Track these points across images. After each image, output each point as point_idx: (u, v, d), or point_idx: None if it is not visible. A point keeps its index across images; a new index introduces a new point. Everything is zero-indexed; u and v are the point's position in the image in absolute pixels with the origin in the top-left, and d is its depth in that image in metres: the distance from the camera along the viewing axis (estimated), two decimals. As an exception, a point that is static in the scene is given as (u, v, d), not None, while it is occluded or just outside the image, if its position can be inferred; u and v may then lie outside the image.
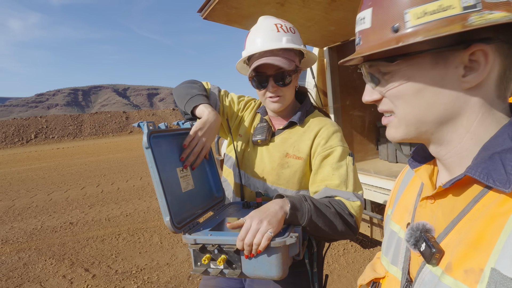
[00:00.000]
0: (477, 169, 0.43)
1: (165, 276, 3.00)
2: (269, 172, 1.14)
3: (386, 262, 0.64)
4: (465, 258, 0.42)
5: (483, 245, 0.40)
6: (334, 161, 1.05)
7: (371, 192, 2.46)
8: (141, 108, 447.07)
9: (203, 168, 1.19)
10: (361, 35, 0.50)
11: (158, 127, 0.96)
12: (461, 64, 0.44)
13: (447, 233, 0.47)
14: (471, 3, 0.40)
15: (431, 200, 0.53)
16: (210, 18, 2.06)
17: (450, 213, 0.48)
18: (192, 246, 0.86)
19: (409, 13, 0.43)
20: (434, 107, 0.47)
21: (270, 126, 1.18)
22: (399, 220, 0.63)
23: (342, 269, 2.95)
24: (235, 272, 0.83)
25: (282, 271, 0.82)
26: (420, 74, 0.46)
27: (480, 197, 0.44)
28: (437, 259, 0.46)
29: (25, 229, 4.65)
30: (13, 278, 3.14)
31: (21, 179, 9.44)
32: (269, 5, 1.90)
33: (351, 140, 3.25)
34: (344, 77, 3.01)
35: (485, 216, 0.42)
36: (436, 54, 0.45)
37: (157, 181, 0.87)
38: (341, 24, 2.24)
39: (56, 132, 31.02)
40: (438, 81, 0.45)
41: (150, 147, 0.86)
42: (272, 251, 0.81)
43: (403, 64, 0.47)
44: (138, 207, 5.41)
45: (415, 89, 0.47)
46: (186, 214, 0.98)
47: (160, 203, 0.87)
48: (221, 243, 0.84)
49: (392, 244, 0.63)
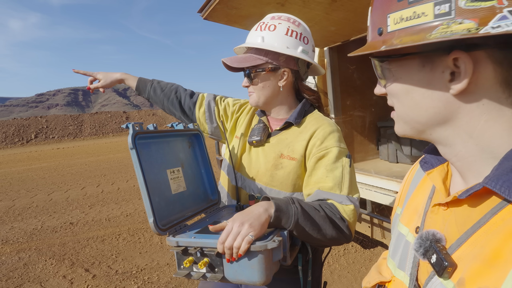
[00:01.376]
0: (497, 181, 0.39)
1: (166, 276, 3.00)
2: (263, 173, 1.12)
3: (392, 265, 0.62)
4: (480, 275, 0.39)
5: (500, 263, 0.37)
6: (329, 163, 1.01)
7: (371, 192, 2.45)
8: (141, 108, 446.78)
9: (197, 170, 1.18)
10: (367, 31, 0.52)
11: (147, 128, 0.95)
12: (447, 68, 0.42)
13: (459, 245, 0.44)
14: (445, 10, 0.38)
15: (444, 207, 0.50)
16: (211, 19, 2.06)
17: (464, 223, 0.45)
18: (175, 249, 0.85)
19: (390, 17, 0.43)
20: (424, 109, 0.46)
21: (267, 127, 1.17)
22: (407, 223, 0.60)
23: (343, 269, 2.95)
24: (217, 276, 0.82)
25: (265, 277, 0.80)
26: (407, 75, 0.46)
27: (499, 210, 0.41)
28: (449, 273, 0.43)
29: (25, 229, 4.65)
30: (13, 278, 3.14)
31: (21, 179, 9.44)
32: (270, 6, 1.90)
33: (351, 140, 3.24)
34: (344, 77, 3.01)
35: (503, 231, 0.39)
36: (423, 57, 0.44)
37: (141, 182, 0.86)
38: (342, 24, 2.24)
39: (56, 132, 31.03)
40: (425, 84, 0.45)
41: (135, 148, 0.86)
42: (253, 255, 0.79)
43: (393, 64, 0.47)
44: (138, 207, 5.40)
45: (405, 89, 0.47)
46: (174, 217, 0.97)
47: (145, 204, 0.86)
48: (203, 245, 0.82)
49: (399, 247, 0.60)
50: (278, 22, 1.10)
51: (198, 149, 1.21)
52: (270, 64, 1.09)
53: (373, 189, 2.45)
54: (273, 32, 1.09)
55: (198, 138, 1.21)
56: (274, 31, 1.09)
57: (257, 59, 1.09)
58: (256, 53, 1.11)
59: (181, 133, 1.10)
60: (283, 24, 1.09)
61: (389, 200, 2.28)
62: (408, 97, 0.47)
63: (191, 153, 1.19)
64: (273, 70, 1.10)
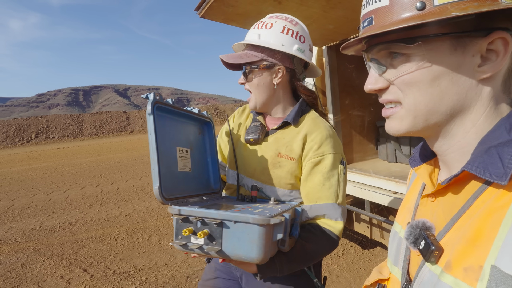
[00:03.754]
0: (473, 163, 0.42)
1: (163, 277, 2.99)
2: (260, 171, 1.13)
3: (390, 263, 0.63)
4: (464, 255, 0.40)
5: (481, 241, 0.39)
6: (325, 170, 1.04)
7: (370, 192, 2.43)
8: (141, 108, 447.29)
9: (204, 157, 1.19)
10: (373, 15, 0.47)
11: (165, 101, 0.97)
12: (478, 52, 0.43)
13: (447, 231, 0.46)
14: None
15: (431, 198, 0.52)
16: (207, 17, 2.04)
17: (450, 211, 0.47)
18: (176, 216, 0.85)
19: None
20: (447, 96, 0.45)
21: (263, 126, 1.17)
22: (401, 221, 0.62)
23: (341, 270, 2.93)
24: (214, 248, 0.81)
25: (263, 254, 0.79)
26: (438, 59, 0.44)
27: (480, 193, 0.43)
28: (436, 257, 0.45)
29: (23, 229, 4.64)
30: (11, 279, 3.13)
31: (21, 179, 9.44)
32: (266, 3, 1.88)
33: (350, 140, 3.22)
34: (343, 77, 2.98)
35: (483, 212, 0.41)
36: (455, 40, 0.43)
37: (153, 148, 0.86)
38: (340, 22, 2.22)
39: (57, 132, 31.06)
40: (455, 68, 0.44)
41: (153, 114, 0.86)
42: (254, 229, 0.78)
43: (423, 47, 0.44)
44: (137, 207, 5.40)
45: (432, 75, 0.45)
46: (177, 192, 0.97)
47: (153, 171, 0.86)
48: (205, 216, 0.82)
49: (394, 245, 0.62)
50: (275, 20, 1.12)
51: (207, 137, 1.22)
52: (265, 61, 1.10)
53: (372, 189, 2.43)
54: (270, 30, 1.10)
55: (209, 127, 1.22)
56: (271, 29, 1.10)
57: (252, 56, 1.10)
58: (252, 50, 1.12)
59: (194, 117, 1.12)
60: (280, 22, 1.11)
61: (388, 200, 2.26)
62: (434, 84, 0.45)
63: (201, 139, 1.20)
64: (267, 67, 1.10)
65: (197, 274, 2.99)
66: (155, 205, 5.45)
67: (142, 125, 35.99)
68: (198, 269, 3.09)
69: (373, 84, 0.51)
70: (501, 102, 0.45)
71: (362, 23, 0.50)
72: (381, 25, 0.46)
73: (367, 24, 0.49)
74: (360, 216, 2.77)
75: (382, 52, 0.49)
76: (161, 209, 5.17)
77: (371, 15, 0.48)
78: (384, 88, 0.50)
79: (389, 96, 0.50)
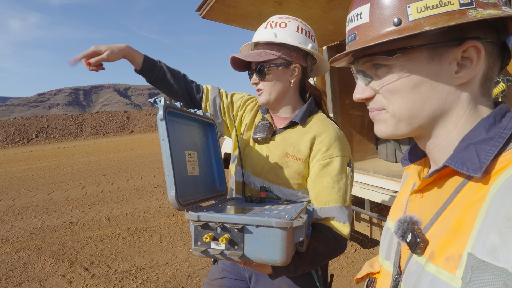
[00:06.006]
0: (453, 159, 0.47)
1: (164, 276, 3.00)
2: (268, 171, 1.14)
3: (381, 257, 0.67)
4: (446, 245, 0.44)
5: (461, 232, 0.42)
6: (334, 173, 1.05)
7: (370, 191, 2.45)
8: (142, 107, 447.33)
9: (208, 159, 1.20)
10: (356, 31, 0.52)
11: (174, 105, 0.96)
12: (454, 60, 0.47)
13: (431, 224, 0.50)
14: (468, 1, 0.43)
15: (419, 194, 0.56)
16: (209, 17, 2.06)
17: (435, 205, 0.51)
18: (195, 223, 0.84)
19: (411, 7, 0.45)
20: (428, 102, 0.49)
21: (271, 125, 1.18)
22: (393, 217, 0.66)
23: (342, 269, 2.95)
24: (237, 253, 0.80)
25: (286, 256, 0.79)
26: (417, 68, 0.48)
27: (461, 188, 0.47)
28: (422, 249, 0.49)
29: (25, 229, 4.66)
30: (13, 278, 3.14)
31: (22, 178, 9.46)
32: (267, 4, 1.89)
33: (350, 140, 3.24)
34: (343, 77, 3.00)
35: (463, 205, 0.45)
36: (431, 50, 0.47)
37: (167, 154, 0.85)
38: (340, 23, 2.23)
39: (57, 132, 31.08)
40: (433, 76, 0.48)
41: (165, 120, 0.86)
42: (276, 233, 0.78)
43: (402, 58, 0.49)
44: (138, 207, 5.41)
45: (413, 83, 0.49)
46: (189, 196, 0.97)
47: (167, 178, 0.85)
48: (225, 221, 0.82)
49: (386, 240, 0.66)
50: (288, 20, 1.13)
51: (211, 139, 1.22)
52: (282, 59, 1.11)
53: (372, 189, 2.45)
54: (285, 29, 1.11)
55: (212, 128, 1.22)
56: (286, 28, 1.11)
57: (270, 54, 1.10)
58: (268, 48, 1.12)
59: (198, 119, 1.12)
60: (292, 22, 1.12)
61: (388, 200, 2.28)
62: (415, 91, 0.49)
63: (205, 141, 1.20)
64: (285, 65, 1.11)
65: (198, 273, 3.01)
66: (156, 204, 5.47)
67: (142, 125, 36.02)
68: (199, 268, 3.11)
69: (361, 94, 0.55)
70: (479, 104, 0.49)
71: (347, 38, 0.55)
72: (363, 40, 0.50)
73: (351, 40, 0.53)
74: (360, 215, 2.79)
75: (366, 64, 0.53)
76: (162, 209, 5.19)
77: (354, 31, 0.52)
78: (371, 96, 0.54)
79: (376, 105, 0.54)
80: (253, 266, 0.90)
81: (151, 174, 8.57)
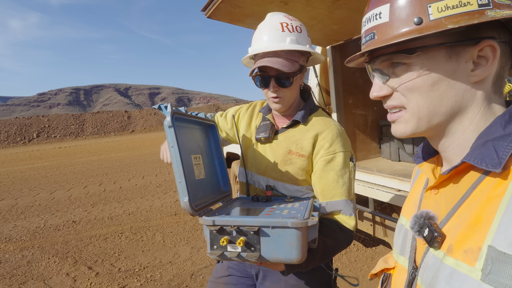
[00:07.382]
0: (472, 155, 0.48)
1: (168, 274, 3.02)
2: (272, 168, 1.16)
3: (395, 253, 0.68)
4: (464, 239, 0.45)
5: (480, 226, 0.43)
6: (338, 168, 1.07)
7: (373, 190, 2.46)
8: (142, 107, 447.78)
9: (212, 161, 1.21)
10: (375, 30, 0.53)
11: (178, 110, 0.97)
12: (470, 59, 0.49)
13: (448, 219, 0.51)
14: (485, 2, 0.45)
15: (434, 190, 0.57)
16: (214, 17, 2.07)
17: (452, 201, 0.52)
18: (210, 227, 0.84)
19: (432, 6, 0.47)
20: (446, 99, 0.50)
21: (273, 125, 1.19)
22: (406, 214, 0.67)
23: (344, 267, 2.96)
24: (254, 255, 0.82)
25: (302, 254, 0.81)
26: (436, 66, 0.50)
27: (478, 183, 0.48)
28: (439, 243, 0.50)
29: (28, 228, 4.68)
30: (17, 276, 3.16)
31: (24, 178, 9.48)
32: (273, 4, 1.90)
33: (353, 139, 3.24)
34: (346, 76, 3.00)
35: (482, 199, 0.45)
36: (449, 49, 0.49)
37: (177, 161, 0.86)
38: (345, 23, 2.24)
39: (58, 131, 31.11)
40: (451, 74, 0.50)
41: (173, 126, 0.86)
42: (292, 233, 0.80)
43: (422, 57, 0.50)
44: (140, 206, 5.43)
45: (432, 81, 0.50)
46: (199, 201, 0.98)
47: (179, 184, 0.86)
48: (241, 224, 0.83)
49: (400, 236, 0.67)
50: (299, 23, 1.12)
51: (212, 141, 1.24)
52: (301, 65, 1.12)
53: (375, 187, 2.46)
54: (301, 34, 1.11)
55: (213, 130, 1.24)
56: (301, 32, 1.11)
57: (294, 63, 1.08)
58: (290, 55, 1.08)
59: (200, 122, 1.13)
60: (302, 25, 1.13)
61: (391, 198, 2.29)
62: (434, 89, 0.50)
63: (207, 143, 1.21)
64: (302, 71, 1.13)
65: (201, 272, 3.02)
66: (158, 203, 5.49)
67: (143, 125, 36.01)
68: (202, 266, 3.12)
69: (378, 92, 0.56)
70: (493, 102, 0.51)
71: (364, 38, 0.56)
72: (383, 39, 0.51)
73: (369, 39, 0.54)
74: (363, 214, 2.80)
75: (384, 63, 0.54)
76: (164, 208, 5.20)
77: (373, 30, 0.53)
78: (388, 94, 0.56)
79: (394, 102, 0.55)
80: (267, 264, 0.91)
81: (152, 173, 8.58)
